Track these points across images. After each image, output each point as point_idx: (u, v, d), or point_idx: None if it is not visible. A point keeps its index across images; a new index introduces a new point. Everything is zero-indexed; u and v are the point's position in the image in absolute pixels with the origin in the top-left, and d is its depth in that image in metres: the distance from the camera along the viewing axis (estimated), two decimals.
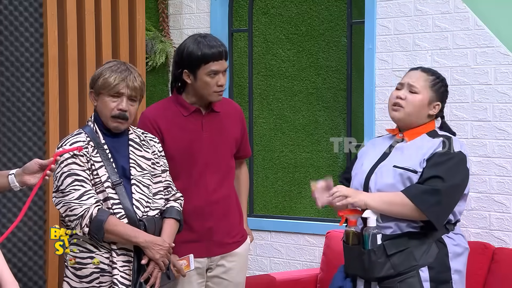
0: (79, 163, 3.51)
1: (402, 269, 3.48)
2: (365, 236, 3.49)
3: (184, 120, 3.87)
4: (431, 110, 3.62)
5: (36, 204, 4.71)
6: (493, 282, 4.38)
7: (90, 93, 3.62)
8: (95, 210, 3.46)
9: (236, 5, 5.67)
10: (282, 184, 5.55)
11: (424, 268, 3.50)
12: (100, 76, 3.57)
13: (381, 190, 3.53)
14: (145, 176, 3.62)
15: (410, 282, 3.47)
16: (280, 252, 5.40)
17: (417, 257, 3.49)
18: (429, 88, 3.61)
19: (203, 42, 3.80)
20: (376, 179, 3.56)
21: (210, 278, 3.96)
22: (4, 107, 4.59)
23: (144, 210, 3.57)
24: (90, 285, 3.53)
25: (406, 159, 3.55)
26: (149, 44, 5.52)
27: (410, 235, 3.51)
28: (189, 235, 3.86)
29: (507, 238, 4.57)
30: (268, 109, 5.57)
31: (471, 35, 4.64)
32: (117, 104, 3.56)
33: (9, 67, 4.60)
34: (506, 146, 4.57)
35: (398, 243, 3.50)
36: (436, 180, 3.46)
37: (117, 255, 3.51)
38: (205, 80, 3.79)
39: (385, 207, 3.48)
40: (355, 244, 3.54)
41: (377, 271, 3.48)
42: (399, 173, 3.52)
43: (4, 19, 4.58)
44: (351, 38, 5.21)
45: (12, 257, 4.61)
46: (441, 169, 3.48)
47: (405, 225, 3.51)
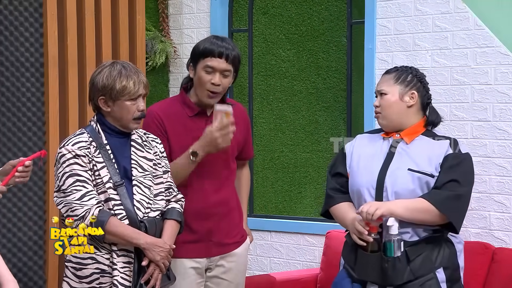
0: (81, 164, 3.51)
1: (421, 273, 3.49)
2: (388, 244, 3.47)
3: (188, 121, 3.86)
4: (408, 101, 3.61)
5: (36, 204, 4.71)
6: (493, 282, 4.38)
7: (100, 100, 3.58)
8: (96, 211, 3.45)
9: (236, 5, 5.67)
10: (282, 184, 5.55)
11: (440, 269, 3.52)
12: (115, 83, 3.54)
13: (399, 194, 3.53)
14: (146, 177, 3.62)
15: (430, 285, 3.49)
16: (280, 252, 5.40)
17: (433, 260, 3.51)
18: (393, 84, 3.63)
19: (211, 39, 3.83)
20: (391, 181, 3.55)
21: (209, 278, 3.95)
22: (4, 107, 4.59)
23: (145, 211, 3.57)
24: (90, 286, 3.53)
25: (418, 162, 3.54)
26: (149, 44, 5.52)
27: (427, 240, 3.53)
28: (189, 235, 3.86)
29: (507, 238, 4.57)
30: (268, 109, 5.57)
31: (471, 35, 4.64)
32: (137, 105, 3.58)
33: (9, 67, 4.60)
34: (506, 146, 4.57)
35: (417, 248, 3.52)
36: (454, 185, 3.49)
37: (118, 256, 3.51)
38: (200, 74, 3.79)
39: (409, 214, 3.48)
40: (374, 250, 3.52)
41: (400, 278, 3.48)
42: (417, 177, 3.52)
43: (4, 19, 4.58)
44: (351, 38, 5.21)
45: (12, 257, 4.61)
46: (457, 173, 3.51)
47: (422, 230, 3.53)
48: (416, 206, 3.48)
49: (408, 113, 3.62)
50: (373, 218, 3.44)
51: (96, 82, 3.57)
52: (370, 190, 3.58)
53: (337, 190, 3.73)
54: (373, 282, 3.56)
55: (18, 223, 4.65)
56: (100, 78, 3.56)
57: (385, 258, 3.48)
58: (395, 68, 3.72)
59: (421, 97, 3.63)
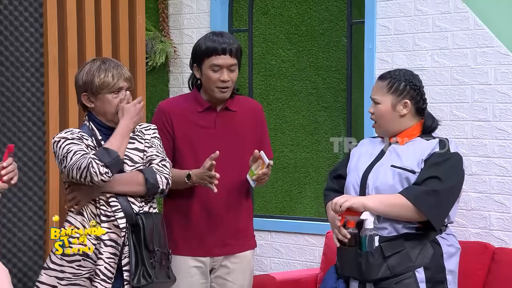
0: (77, 143, 3.55)
1: (399, 270, 3.48)
2: (362, 238, 3.48)
3: (197, 116, 3.88)
4: (401, 110, 3.59)
5: (36, 204, 4.71)
6: (493, 282, 4.38)
7: (83, 96, 3.63)
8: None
9: (236, 5, 5.67)
10: (282, 184, 5.55)
11: (420, 269, 3.50)
12: (94, 78, 3.59)
13: (380, 189, 3.53)
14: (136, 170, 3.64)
15: (407, 283, 3.47)
16: (280, 252, 5.40)
17: (413, 258, 3.49)
18: (386, 94, 3.59)
19: (211, 37, 3.83)
20: (373, 177, 3.55)
21: (214, 279, 3.94)
22: (4, 107, 4.59)
23: (140, 204, 3.58)
24: (69, 265, 3.54)
25: (403, 159, 3.54)
26: (149, 44, 5.52)
27: (406, 236, 3.51)
28: (193, 232, 3.86)
29: (507, 238, 4.57)
30: (268, 109, 5.57)
31: (471, 35, 4.64)
32: (120, 99, 3.60)
33: (9, 67, 4.60)
34: (506, 146, 4.57)
35: (394, 244, 3.49)
36: (434, 181, 3.45)
37: (105, 246, 3.51)
38: (208, 74, 3.80)
39: (384, 209, 3.47)
40: (351, 245, 3.53)
41: (374, 273, 3.47)
42: (397, 172, 3.52)
43: (4, 19, 4.58)
44: (351, 38, 5.21)
45: (12, 257, 4.61)
46: (439, 170, 3.47)
47: (401, 226, 3.51)
48: (391, 201, 3.46)
49: (401, 121, 3.61)
50: (341, 209, 3.45)
51: (78, 79, 3.65)
52: (355, 186, 3.59)
53: (332, 189, 3.73)
54: (353, 277, 3.57)
55: (18, 223, 4.65)
56: (81, 75, 3.63)
57: (359, 252, 3.48)
58: (389, 75, 3.65)
59: (415, 104, 3.60)
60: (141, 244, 3.53)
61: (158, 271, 3.56)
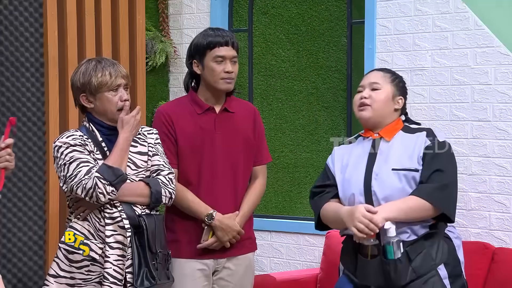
0: (79, 150, 3.54)
1: (423, 271, 3.48)
2: (387, 246, 3.45)
3: (197, 118, 3.88)
4: (396, 104, 3.63)
5: (36, 204, 4.71)
6: (493, 282, 4.38)
7: (82, 97, 3.62)
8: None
9: (236, 5, 5.67)
10: (282, 184, 5.55)
11: (441, 266, 3.52)
12: (92, 78, 3.58)
13: (390, 195, 3.51)
14: (139, 175, 3.62)
15: (433, 282, 3.48)
16: (280, 252, 5.40)
17: (433, 256, 3.50)
18: (389, 83, 3.63)
19: (210, 32, 3.87)
20: (379, 185, 3.53)
21: (216, 280, 3.94)
22: (4, 107, 4.59)
23: (142, 207, 3.58)
24: (78, 271, 3.54)
25: (401, 159, 3.54)
26: (149, 44, 5.52)
27: (425, 237, 3.53)
28: (197, 235, 3.86)
29: (507, 238, 4.57)
30: (268, 109, 5.57)
31: (471, 35, 4.64)
32: (119, 96, 3.59)
33: (9, 67, 4.60)
34: (506, 146, 4.57)
35: (417, 246, 3.50)
36: (438, 174, 3.48)
37: (112, 248, 3.50)
38: (211, 66, 3.81)
39: (404, 215, 3.46)
40: (374, 255, 3.51)
41: (402, 278, 3.47)
42: (402, 174, 3.51)
43: (4, 19, 4.58)
44: (351, 38, 5.21)
45: (12, 257, 4.61)
46: (439, 162, 3.50)
47: (418, 227, 3.52)
48: (408, 205, 3.46)
49: (391, 114, 3.64)
50: (376, 231, 3.43)
51: (75, 81, 3.64)
52: (359, 197, 3.56)
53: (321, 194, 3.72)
54: (376, 286, 3.54)
55: (18, 223, 4.65)
56: (77, 77, 3.62)
57: (386, 261, 3.46)
58: (387, 70, 3.72)
59: (404, 105, 3.68)
60: (145, 246, 3.52)
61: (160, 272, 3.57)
